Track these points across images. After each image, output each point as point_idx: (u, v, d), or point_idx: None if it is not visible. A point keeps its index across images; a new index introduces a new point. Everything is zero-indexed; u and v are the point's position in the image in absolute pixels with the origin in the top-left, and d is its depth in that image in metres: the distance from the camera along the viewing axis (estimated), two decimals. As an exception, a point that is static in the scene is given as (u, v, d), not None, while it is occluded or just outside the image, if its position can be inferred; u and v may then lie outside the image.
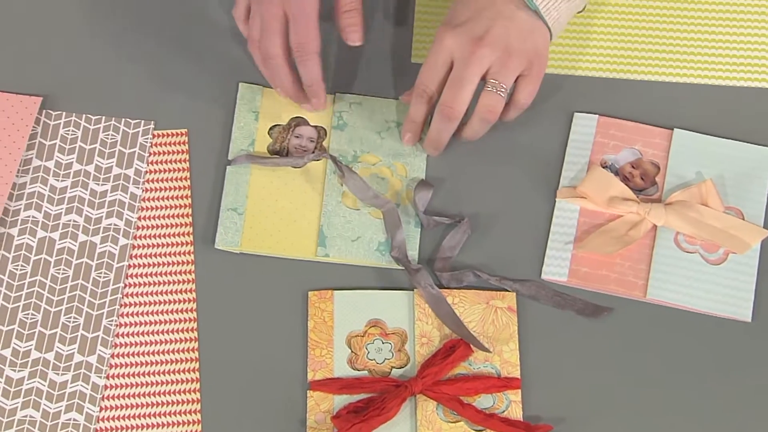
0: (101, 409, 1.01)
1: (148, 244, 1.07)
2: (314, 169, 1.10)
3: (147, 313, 1.05)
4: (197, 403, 1.02)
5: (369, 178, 1.08)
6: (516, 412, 1.01)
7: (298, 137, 1.11)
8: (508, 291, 1.05)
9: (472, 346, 1.02)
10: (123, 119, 1.12)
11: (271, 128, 1.12)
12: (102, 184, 1.09)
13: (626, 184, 1.08)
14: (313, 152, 1.10)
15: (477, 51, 1.02)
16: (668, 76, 1.15)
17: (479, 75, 1.03)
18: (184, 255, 1.07)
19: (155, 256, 1.07)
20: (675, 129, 1.11)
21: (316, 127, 1.12)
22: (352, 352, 1.03)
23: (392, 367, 1.03)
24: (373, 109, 1.11)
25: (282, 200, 1.08)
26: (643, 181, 1.09)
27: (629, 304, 1.05)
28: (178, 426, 1.01)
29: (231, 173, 1.09)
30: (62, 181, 1.09)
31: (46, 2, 1.17)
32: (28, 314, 1.04)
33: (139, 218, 1.08)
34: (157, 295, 1.05)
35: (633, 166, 1.10)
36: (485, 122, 1.06)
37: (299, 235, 1.07)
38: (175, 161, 1.10)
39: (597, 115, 1.12)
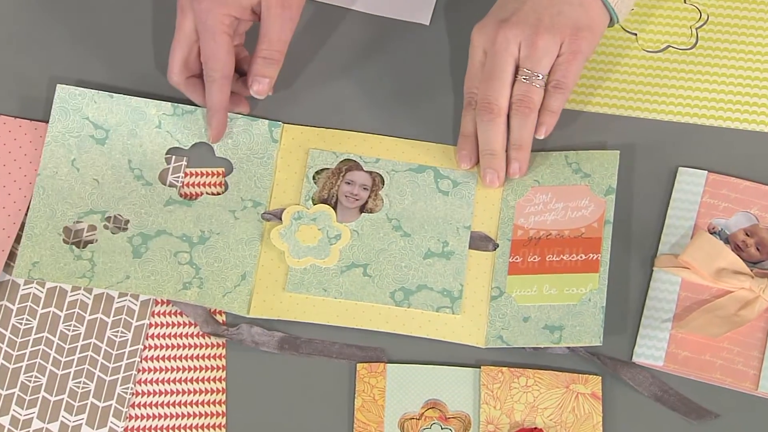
0: (109, 493, 1.01)
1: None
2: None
3: (168, 381, 1.01)
4: (222, 491, 1.01)
5: None
6: None
7: (349, 183, 1.08)
8: (592, 374, 1.01)
9: None
10: (152, 154, 1.10)
11: (317, 173, 1.08)
12: (123, 227, 1.06)
13: (738, 255, 1.04)
14: (366, 202, 1.07)
15: (500, 33, 1.02)
16: (794, 128, 1.12)
17: (511, 60, 1.03)
18: (214, 314, 1.04)
19: (181, 315, 1.04)
20: (800, 191, 1.07)
21: (371, 173, 1.08)
22: (404, 437, 1.02)
23: (451, 458, 1.01)
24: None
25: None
26: (758, 252, 1.05)
27: (737, 398, 1.01)
28: None
29: None
30: (78, 222, 1.09)
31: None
32: (31, 377, 1.01)
33: (164, 269, 1.06)
34: (181, 361, 1.02)
35: (747, 234, 1.06)
36: (522, 117, 1.04)
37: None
38: (209, 205, 1.09)
39: (706, 172, 1.08)
